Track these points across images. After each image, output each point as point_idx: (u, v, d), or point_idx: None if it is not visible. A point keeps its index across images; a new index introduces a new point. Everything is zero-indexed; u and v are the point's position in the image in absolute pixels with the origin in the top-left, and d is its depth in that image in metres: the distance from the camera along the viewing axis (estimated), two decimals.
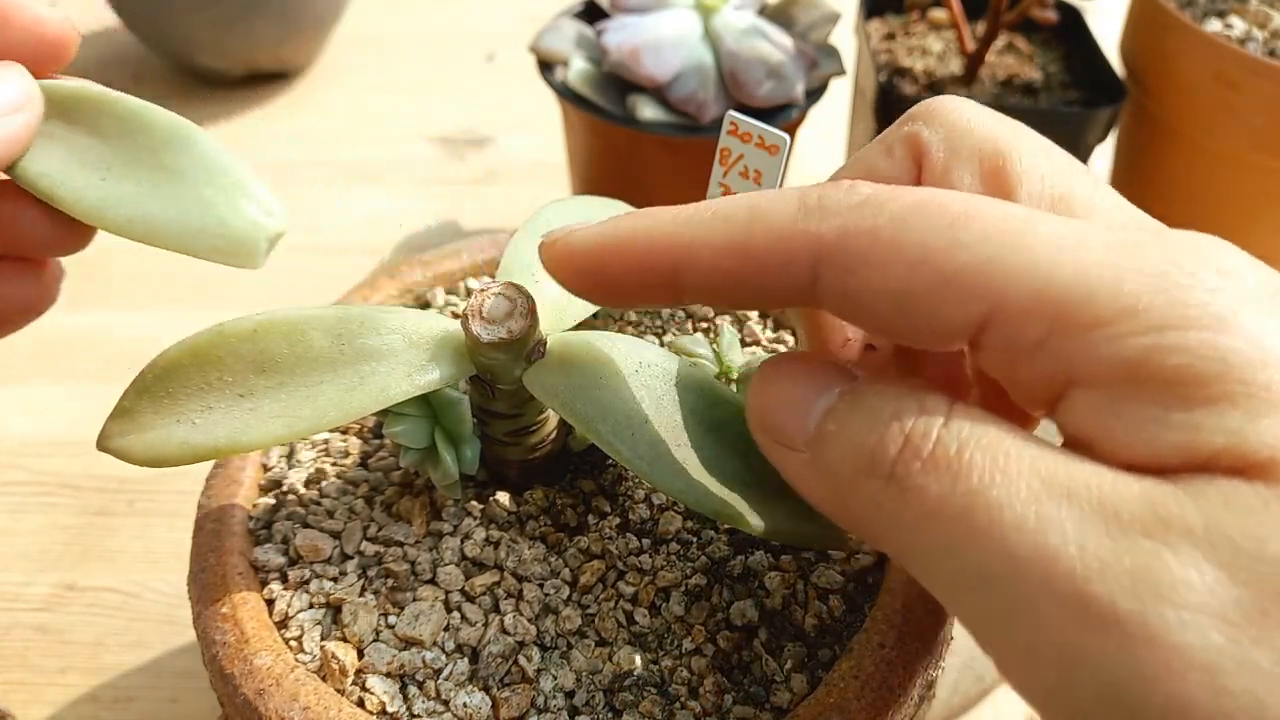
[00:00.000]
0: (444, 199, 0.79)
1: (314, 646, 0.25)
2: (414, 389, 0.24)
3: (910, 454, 0.18)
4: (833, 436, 0.19)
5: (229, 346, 0.24)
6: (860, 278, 0.19)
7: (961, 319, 0.18)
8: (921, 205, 0.19)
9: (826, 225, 0.19)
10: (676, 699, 0.24)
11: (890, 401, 0.19)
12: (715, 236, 0.21)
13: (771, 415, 0.21)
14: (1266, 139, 0.56)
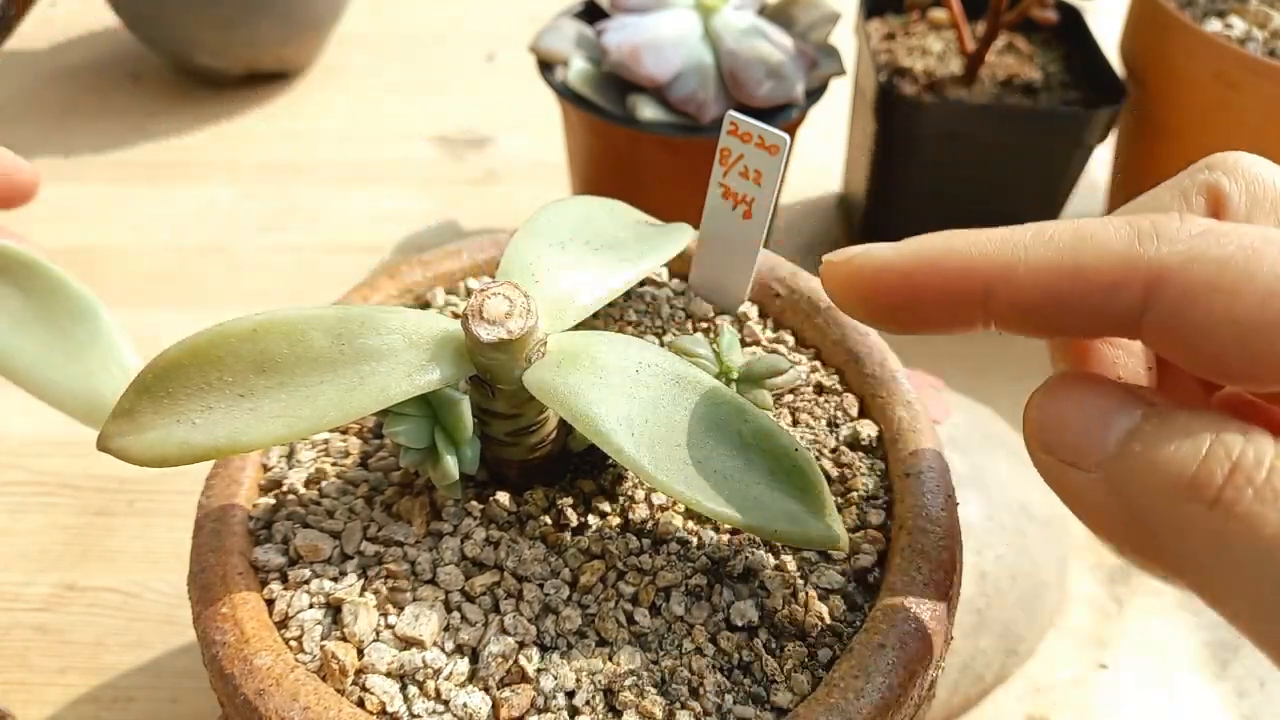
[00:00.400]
0: (444, 199, 0.79)
1: (314, 646, 0.25)
2: (414, 389, 0.24)
3: (1242, 480, 0.17)
4: (1139, 458, 0.19)
5: (229, 346, 0.24)
6: (1203, 306, 0.19)
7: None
8: (1273, 240, 0.19)
9: (1169, 250, 0.19)
10: (676, 699, 0.24)
11: (1209, 425, 0.18)
12: (1037, 256, 0.20)
13: (1058, 433, 0.20)
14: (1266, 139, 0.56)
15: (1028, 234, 0.21)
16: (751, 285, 0.34)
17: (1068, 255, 0.20)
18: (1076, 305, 0.20)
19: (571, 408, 0.24)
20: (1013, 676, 0.48)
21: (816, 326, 0.34)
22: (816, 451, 0.31)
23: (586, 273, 0.29)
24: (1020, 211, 0.64)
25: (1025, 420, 0.21)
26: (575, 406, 0.24)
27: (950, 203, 0.64)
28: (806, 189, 0.79)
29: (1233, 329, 0.18)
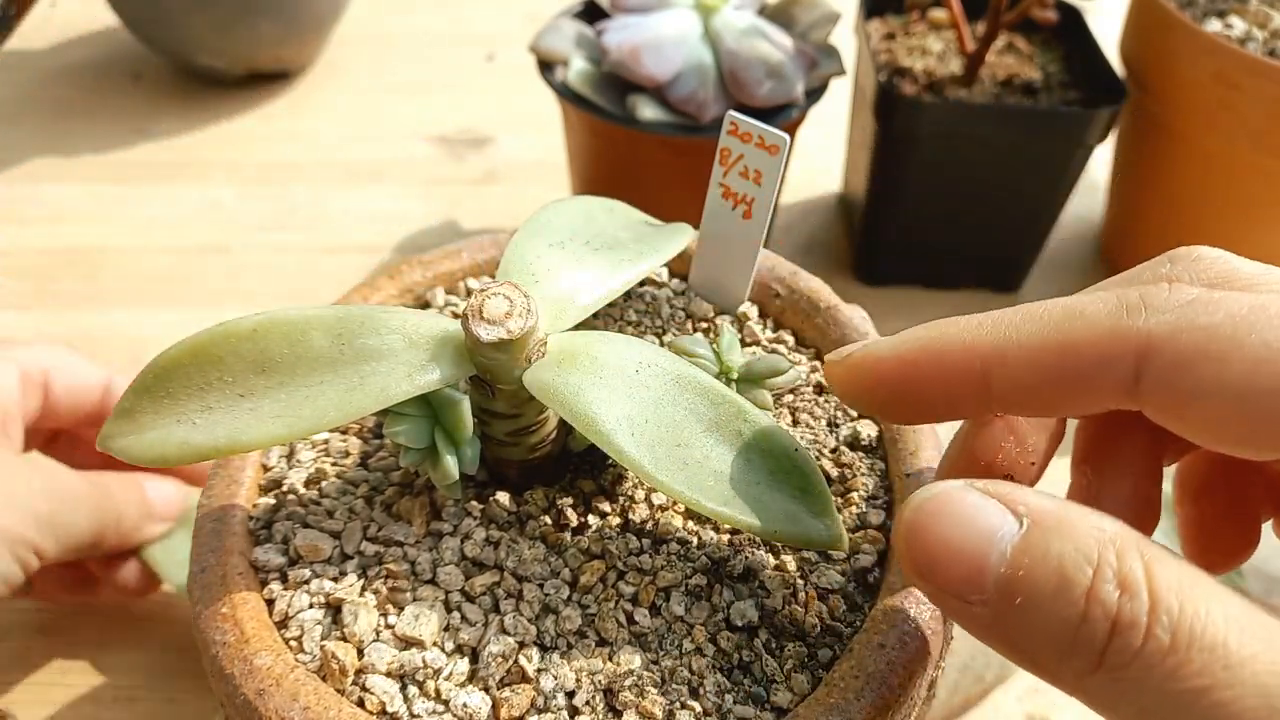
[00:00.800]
0: (444, 199, 0.79)
1: (314, 646, 0.25)
2: (414, 389, 0.24)
3: (1121, 645, 0.17)
4: (1022, 607, 0.18)
5: (229, 346, 0.24)
6: (1194, 375, 0.19)
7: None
8: (1261, 307, 0.19)
9: (1156, 321, 0.19)
10: (676, 699, 0.24)
11: (1082, 565, 0.17)
12: (1027, 335, 0.21)
13: (937, 568, 0.19)
14: (1266, 139, 0.56)
15: (1018, 315, 0.21)
16: (751, 285, 0.34)
17: (1057, 332, 0.20)
18: (1071, 381, 0.20)
19: (571, 408, 0.24)
20: (1013, 676, 0.48)
21: (816, 326, 0.34)
22: (816, 451, 0.31)
23: (586, 273, 0.29)
24: (1020, 211, 0.64)
25: (897, 540, 0.20)
26: (575, 406, 0.24)
27: (950, 203, 0.64)
28: (806, 189, 0.79)
29: (1224, 396, 0.19)
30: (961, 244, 0.66)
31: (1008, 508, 0.19)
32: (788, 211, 0.77)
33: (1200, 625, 0.16)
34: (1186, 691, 0.16)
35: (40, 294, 0.69)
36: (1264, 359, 0.18)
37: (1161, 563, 0.17)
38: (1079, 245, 0.74)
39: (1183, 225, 0.64)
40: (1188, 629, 0.16)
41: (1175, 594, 0.17)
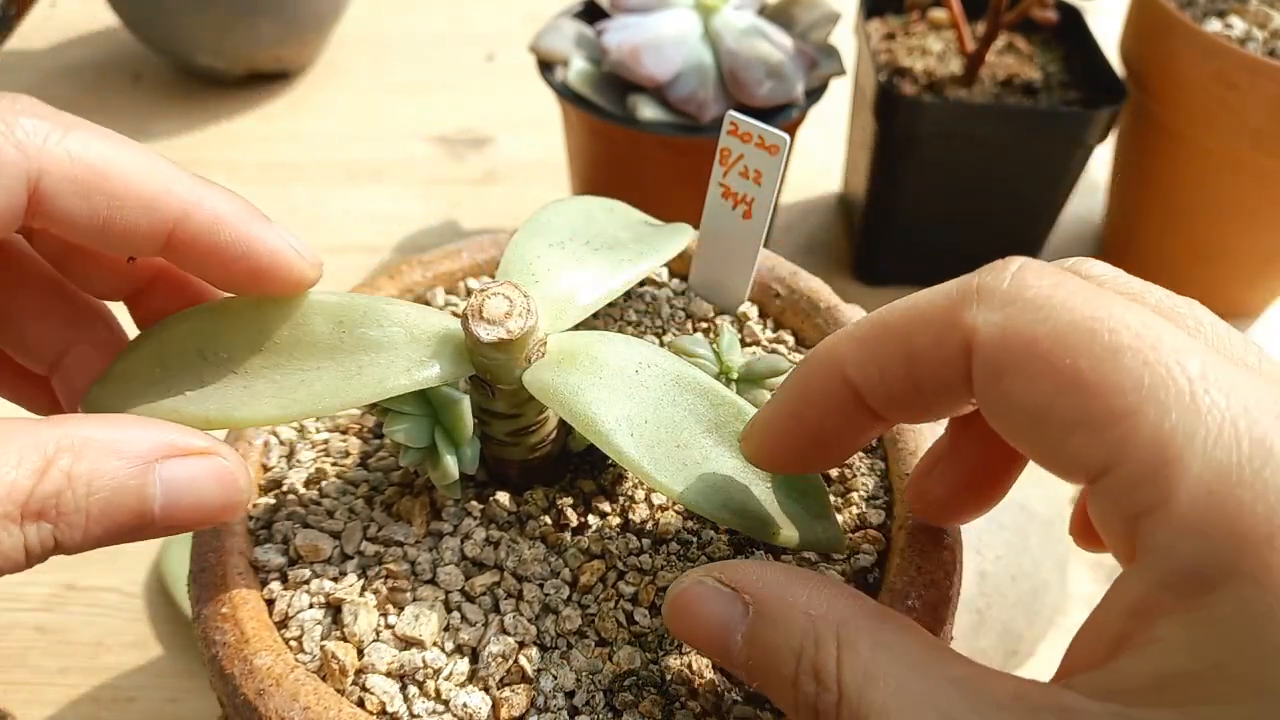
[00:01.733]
0: (444, 199, 0.79)
1: (314, 646, 0.25)
2: (413, 384, 0.24)
3: (824, 717, 0.19)
4: (759, 686, 0.20)
5: (229, 322, 0.24)
6: (1004, 386, 0.18)
7: (1082, 466, 0.18)
8: (1089, 328, 0.17)
9: (983, 319, 0.19)
10: (676, 699, 0.24)
11: (788, 659, 0.19)
12: (875, 344, 0.21)
13: (700, 650, 0.22)
14: (1266, 139, 0.56)
15: (866, 324, 0.21)
16: (751, 285, 0.34)
17: (899, 335, 0.20)
18: (924, 382, 0.20)
19: (571, 408, 0.24)
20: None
21: (816, 326, 0.34)
22: None
23: (586, 273, 0.29)
24: (1020, 211, 0.64)
25: (665, 616, 0.22)
26: (574, 406, 0.24)
27: (950, 203, 0.64)
28: (806, 189, 0.79)
29: (1024, 415, 0.18)
30: (961, 244, 0.66)
31: (738, 595, 0.21)
32: (788, 211, 0.77)
33: (872, 711, 0.18)
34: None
35: None
36: (1067, 389, 0.17)
37: (853, 650, 0.19)
38: (1079, 245, 0.74)
39: (1183, 225, 0.64)
40: (862, 717, 0.18)
41: (857, 685, 0.18)
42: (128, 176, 0.22)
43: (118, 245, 0.22)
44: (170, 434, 0.21)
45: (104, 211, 0.22)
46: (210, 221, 0.23)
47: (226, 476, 0.22)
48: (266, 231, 0.23)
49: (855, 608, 0.20)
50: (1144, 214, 0.67)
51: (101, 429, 0.20)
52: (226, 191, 0.23)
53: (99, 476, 0.20)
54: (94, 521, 0.20)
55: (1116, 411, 0.17)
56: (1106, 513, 0.18)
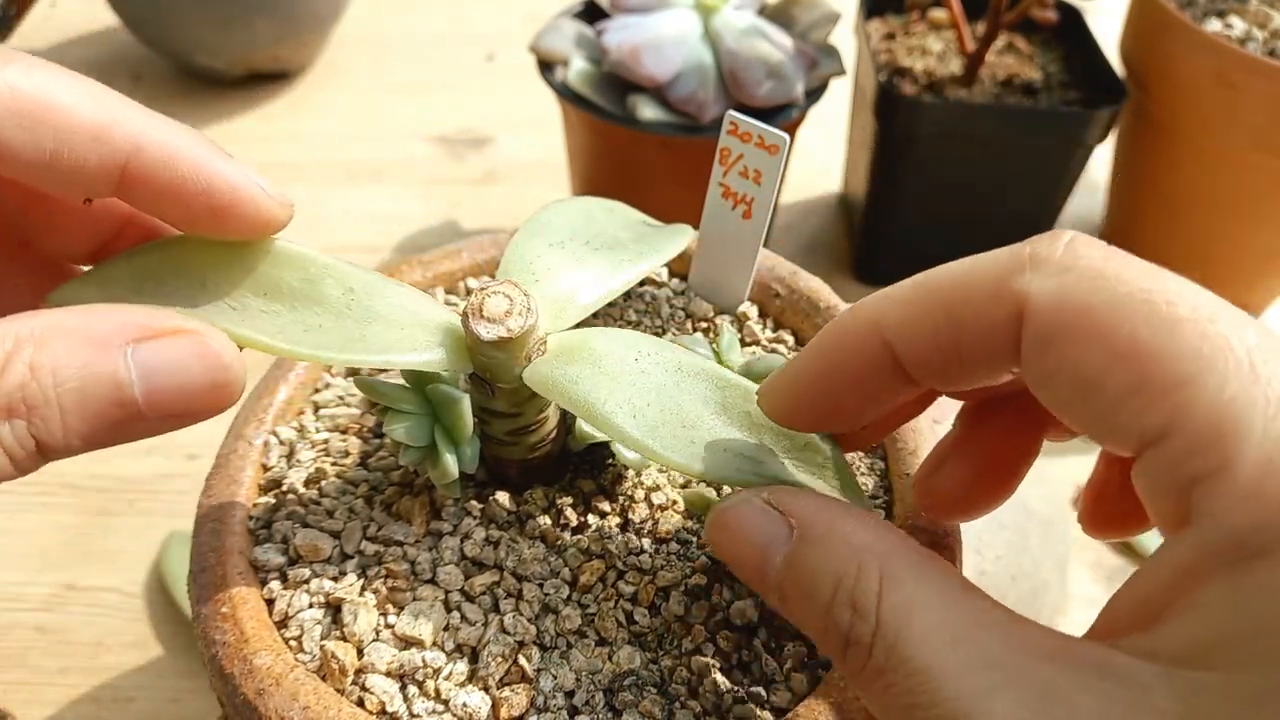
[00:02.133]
0: (444, 199, 0.79)
1: (314, 646, 0.25)
2: (415, 360, 0.24)
3: (851, 657, 0.19)
4: (791, 608, 0.20)
5: (230, 257, 0.23)
6: (1056, 353, 0.18)
7: (1137, 433, 0.18)
8: (1148, 292, 0.18)
9: (1038, 285, 0.19)
10: (676, 699, 0.24)
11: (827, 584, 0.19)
12: (920, 305, 0.20)
13: (734, 567, 0.22)
14: (1266, 139, 0.56)
15: (910, 285, 0.21)
16: (751, 285, 0.34)
17: (946, 299, 0.20)
18: (967, 347, 0.20)
19: (570, 396, 0.24)
20: None
21: (816, 326, 0.34)
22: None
23: (586, 272, 0.29)
24: (1020, 211, 0.64)
25: (706, 534, 0.22)
26: (574, 395, 0.24)
27: (950, 203, 0.64)
28: (806, 189, 0.79)
29: (1076, 382, 0.18)
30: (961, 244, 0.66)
31: (784, 518, 0.21)
32: (788, 211, 0.77)
33: (911, 650, 0.18)
34: (898, 705, 0.18)
35: None
36: (1123, 356, 0.17)
37: (897, 582, 0.19)
38: None
39: (1183, 225, 0.64)
40: (899, 653, 0.18)
41: (898, 618, 0.18)
42: (73, 108, 0.20)
43: (70, 183, 0.21)
44: (139, 315, 0.20)
45: (50, 145, 0.20)
46: (165, 156, 0.21)
47: (210, 356, 0.20)
48: (227, 166, 0.22)
49: (901, 543, 0.20)
50: (1144, 214, 0.67)
51: (65, 317, 0.19)
52: (182, 126, 0.22)
53: (65, 365, 0.18)
54: (70, 414, 0.19)
55: (1175, 378, 0.17)
56: (1157, 480, 0.18)
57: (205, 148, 0.22)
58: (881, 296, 0.21)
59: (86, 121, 0.20)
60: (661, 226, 0.33)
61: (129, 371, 0.19)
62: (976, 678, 0.17)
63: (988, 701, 0.17)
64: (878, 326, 0.21)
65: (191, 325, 0.20)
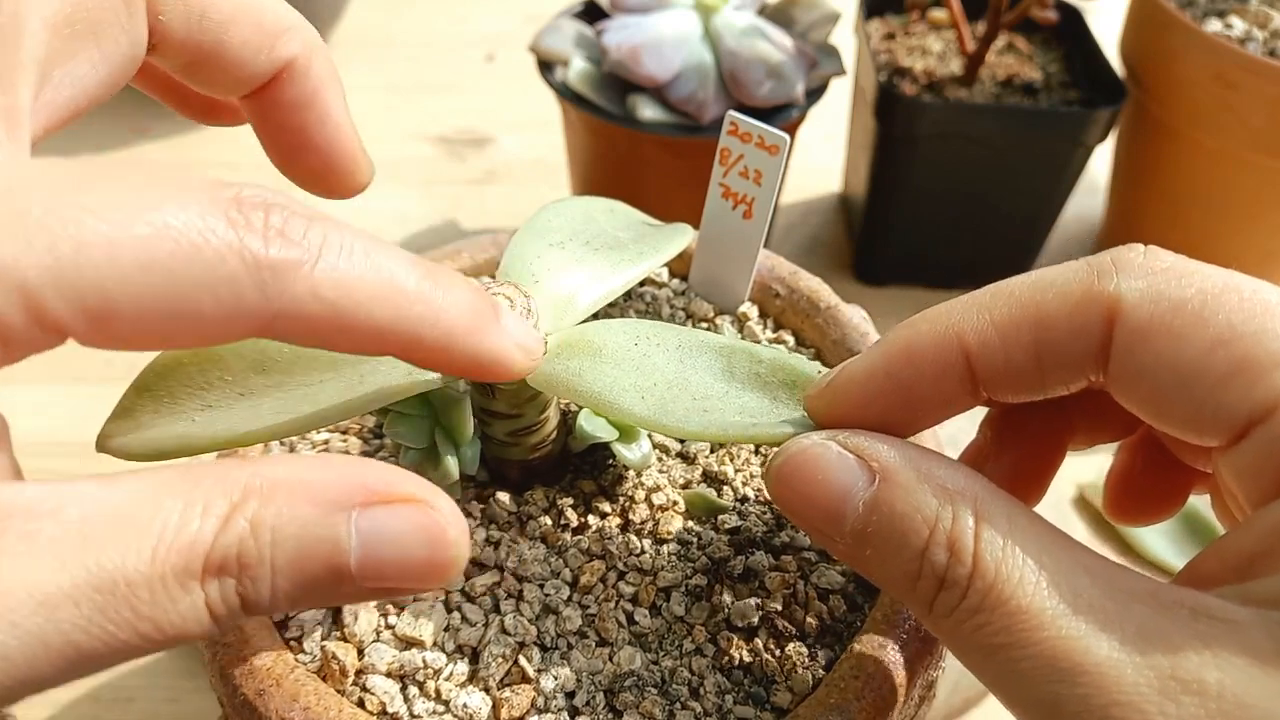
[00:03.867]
0: (444, 199, 0.79)
1: (314, 646, 0.25)
2: (414, 386, 0.24)
3: (945, 599, 0.19)
4: (871, 555, 0.20)
5: (230, 346, 0.24)
6: (1154, 348, 0.19)
7: (1245, 411, 0.18)
8: (1234, 288, 0.19)
9: (1128, 286, 0.19)
10: (677, 699, 0.24)
11: (920, 527, 0.19)
12: (1001, 313, 0.20)
13: (803, 513, 0.21)
14: (1266, 139, 0.56)
15: (988, 294, 0.21)
16: (751, 285, 0.34)
17: (1030, 305, 0.20)
18: (1047, 354, 0.20)
19: (577, 390, 0.24)
20: None
21: (816, 326, 0.34)
22: None
23: (587, 272, 0.29)
24: (1020, 211, 0.64)
25: (766, 484, 0.22)
26: (580, 388, 0.24)
27: (950, 203, 0.64)
28: (806, 189, 0.79)
29: (1176, 375, 0.19)
30: (961, 244, 0.66)
31: (864, 462, 0.20)
32: (788, 211, 0.77)
33: (1009, 590, 0.18)
34: (988, 646, 0.18)
35: None
36: (1223, 341, 0.18)
37: (992, 524, 0.19)
38: (1079, 245, 0.74)
39: (1183, 225, 0.64)
40: (996, 593, 0.18)
41: (994, 559, 0.18)
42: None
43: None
44: (373, 475, 0.18)
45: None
46: (442, 339, 0.20)
47: (435, 529, 0.18)
48: (495, 337, 0.21)
49: (989, 487, 0.20)
50: (1144, 214, 0.67)
51: (294, 468, 0.17)
52: (458, 288, 0.21)
53: (286, 524, 0.17)
54: (281, 575, 0.17)
55: (1276, 357, 0.18)
56: (1265, 455, 0.18)
57: (477, 320, 0.21)
58: (960, 306, 0.21)
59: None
60: (661, 226, 0.33)
61: (351, 539, 0.17)
62: (1075, 619, 0.17)
63: (1085, 641, 0.17)
64: (955, 331, 0.21)
65: (422, 493, 0.18)
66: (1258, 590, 0.17)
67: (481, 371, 0.22)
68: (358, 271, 0.19)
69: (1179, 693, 0.16)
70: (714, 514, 0.28)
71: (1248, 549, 0.18)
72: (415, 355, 0.20)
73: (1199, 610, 0.17)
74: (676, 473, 0.30)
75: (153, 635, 0.15)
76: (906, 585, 0.19)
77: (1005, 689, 0.18)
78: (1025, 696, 0.18)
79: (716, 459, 0.30)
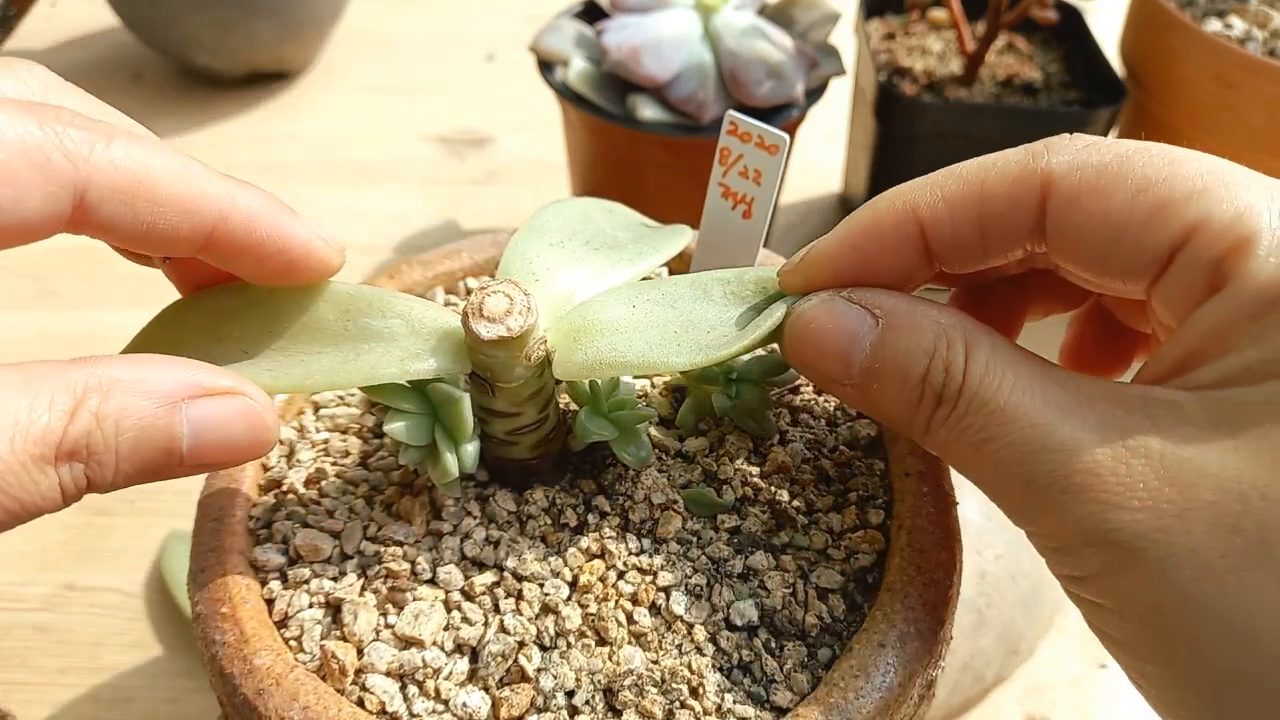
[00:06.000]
0: (444, 199, 0.79)
1: (314, 646, 0.25)
2: (403, 374, 0.25)
3: (941, 414, 0.22)
4: (878, 390, 0.23)
5: (244, 305, 0.25)
6: (1084, 207, 0.21)
7: (1166, 242, 0.21)
8: (1144, 148, 0.21)
9: (1057, 160, 0.22)
10: (677, 699, 0.24)
11: (921, 358, 0.22)
12: (951, 190, 0.23)
13: (816, 363, 0.24)
14: (1266, 139, 0.56)
15: (940, 174, 0.24)
16: None
17: (976, 183, 0.23)
18: (991, 225, 0.23)
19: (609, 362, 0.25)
20: (1013, 676, 0.48)
21: None
22: (816, 451, 0.31)
23: (586, 271, 0.29)
24: None
25: (784, 342, 0.25)
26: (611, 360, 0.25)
27: None
28: (806, 189, 0.79)
29: (1107, 227, 0.21)
30: None
31: (868, 310, 0.23)
32: (788, 211, 0.77)
33: (990, 394, 0.21)
34: (974, 442, 0.22)
35: (40, 294, 0.69)
36: (1141, 189, 0.21)
37: (978, 346, 0.22)
38: None
39: None
40: (981, 398, 0.21)
41: (979, 373, 0.22)
42: (168, 183, 0.22)
43: (159, 248, 0.23)
44: (197, 373, 0.22)
45: (146, 218, 0.22)
46: (245, 221, 0.23)
47: (253, 415, 0.22)
48: (296, 224, 0.24)
49: (974, 322, 0.23)
50: None
51: (129, 368, 0.21)
52: (254, 188, 0.24)
53: (127, 416, 0.20)
54: (124, 460, 0.20)
55: (1193, 188, 0.20)
56: (1187, 278, 0.21)
57: (277, 209, 0.24)
58: (915, 185, 0.24)
59: (179, 196, 0.22)
60: (660, 227, 0.33)
61: (183, 426, 0.21)
62: (1044, 412, 0.21)
63: (1053, 427, 0.20)
64: (911, 206, 0.23)
65: (241, 386, 0.22)
66: (1198, 379, 0.20)
67: (291, 263, 0.24)
68: (155, 152, 0.22)
69: (1129, 458, 0.20)
70: (713, 513, 0.28)
71: (1183, 350, 0.21)
72: (226, 239, 0.23)
73: (1148, 399, 0.20)
74: (676, 472, 0.30)
75: (15, 510, 0.19)
76: (909, 410, 0.23)
77: (989, 478, 0.22)
78: (1004, 479, 0.21)
79: (716, 459, 0.30)
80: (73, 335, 0.65)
